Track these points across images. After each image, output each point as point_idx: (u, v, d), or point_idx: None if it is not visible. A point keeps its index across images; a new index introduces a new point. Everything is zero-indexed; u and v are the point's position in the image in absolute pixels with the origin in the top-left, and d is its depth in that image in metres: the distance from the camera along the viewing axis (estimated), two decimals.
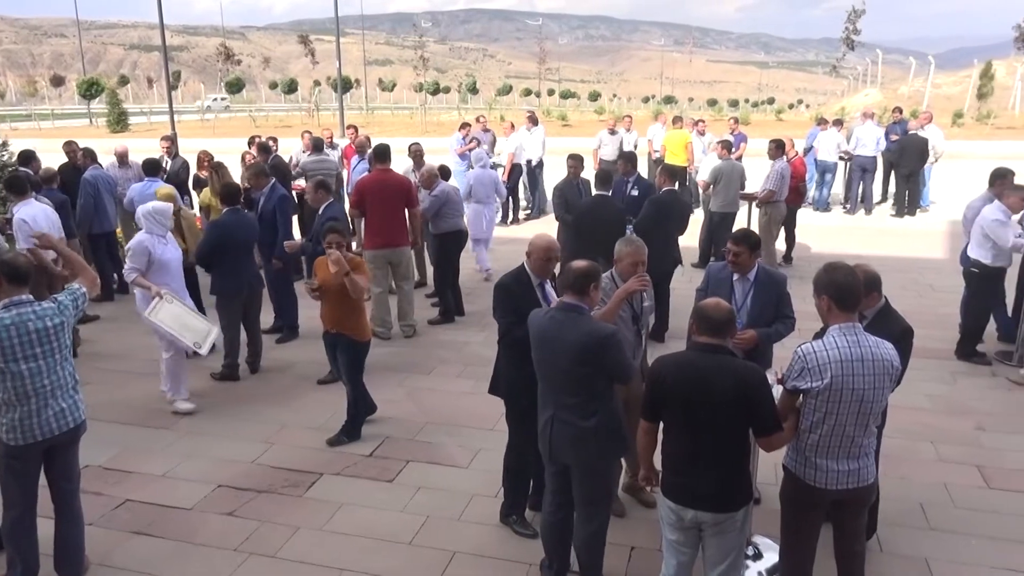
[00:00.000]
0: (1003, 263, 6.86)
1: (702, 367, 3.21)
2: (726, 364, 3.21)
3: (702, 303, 3.35)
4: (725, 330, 3.27)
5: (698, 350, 3.28)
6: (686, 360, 3.30)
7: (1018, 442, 5.61)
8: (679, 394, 3.22)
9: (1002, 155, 18.59)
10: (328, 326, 5.64)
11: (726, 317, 3.27)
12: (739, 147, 13.45)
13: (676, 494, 3.33)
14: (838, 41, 48.51)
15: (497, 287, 4.33)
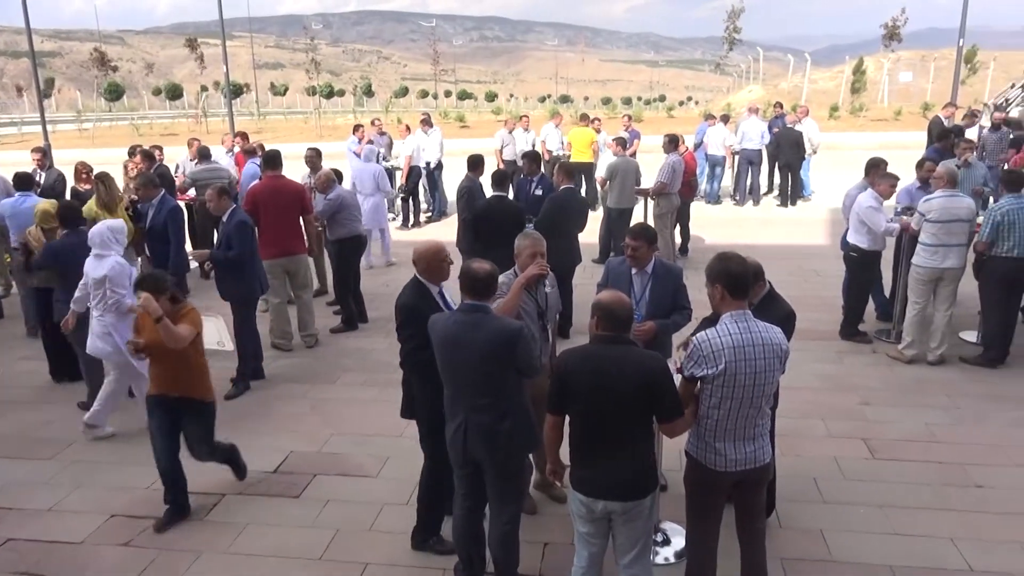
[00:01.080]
0: (879, 247, 7.30)
1: (605, 359, 3.26)
2: (629, 355, 3.28)
3: (602, 298, 3.41)
4: (627, 323, 3.35)
5: (601, 342, 3.33)
6: (590, 353, 3.35)
7: (898, 414, 5.98)
8: (584, 386, 3.27)
9: (875, 145, 19.82)
10: (162, 389, 4.67)
11: (627, 311, 3.35)
12: (633, 144, 13.79)
13: (585, 486, 3.38)
14: (722, 40, 50.64)
15: (401, 307, 4.14)
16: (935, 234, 6.65)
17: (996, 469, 5.15)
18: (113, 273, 5.67)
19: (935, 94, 29.31)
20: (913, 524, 4.56)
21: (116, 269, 5.69)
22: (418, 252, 4.25)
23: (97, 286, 5.69)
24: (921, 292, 6.85)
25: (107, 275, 5.65)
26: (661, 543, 4.46)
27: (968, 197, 6.87)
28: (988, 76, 37.37)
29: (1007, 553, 4.28)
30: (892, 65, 41.86)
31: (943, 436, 5.62)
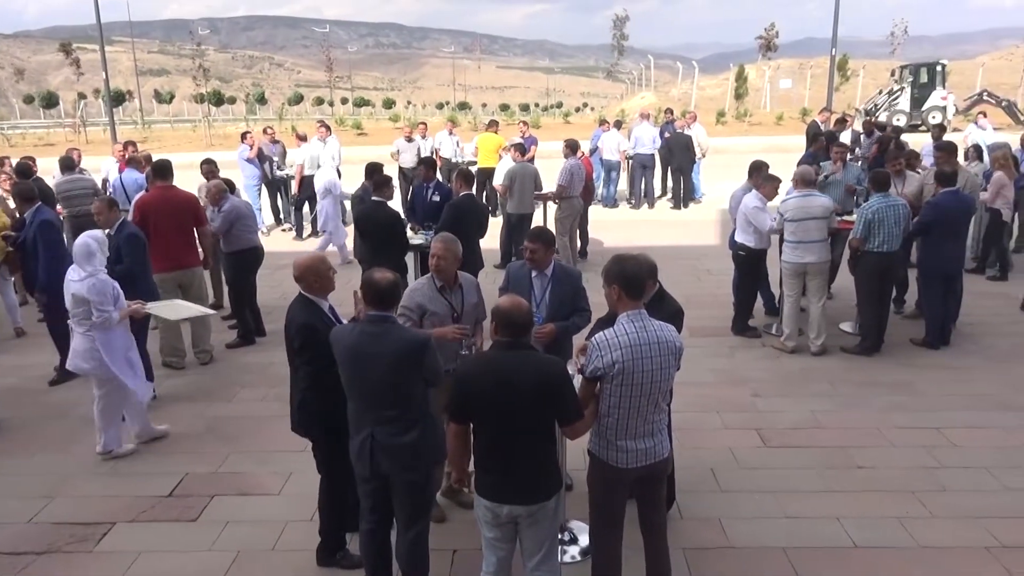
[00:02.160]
0: (764, 245, 7.66)
1: (506, 365, 3.29)
2: (528, 360, 3.32)
3: (501, 303, 3.43)
4: (526, 329, 3.38)
5: (501, 348, 3.36)
6: (490, 360, 3.37)
7: (787, 404, 6.30)
8: (486, 393, 3.28)
9: (760, 148, 20.83)
10: None
11: (526, 316, 3.38)
12: (530, 149, 13.98)
13: (490, 491, 3.40)
14: (611, 48, 52.11)
15: (299, 329, 4.01)
16: (794, 232, 7.06)
17: (875, 450, 5.50)
18: (92, 294, 5.32)
19: (812, 100, 31.06)
20: (803, 507, 4.81)
21: (96, 288, 5.33)
22: (301, 266, 4.14)
23: (77, 304, 5.37)
24: (792, 285, 7.26)
25: (86, 296, 5.32)
26: (568, 542, 4.53)
27: (823, 196, 7.29)
28: (859, 83, 39.88)
29: (887, 528, 4.58)
30: (773, 73, 44.10)
31: (827, 422, 5.95)
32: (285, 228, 13.51)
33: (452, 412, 3.43)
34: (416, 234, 8.15)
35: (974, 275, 9.50)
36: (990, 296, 8.95)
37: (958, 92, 31.80)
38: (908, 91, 31.12)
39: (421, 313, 4.56)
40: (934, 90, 30.76)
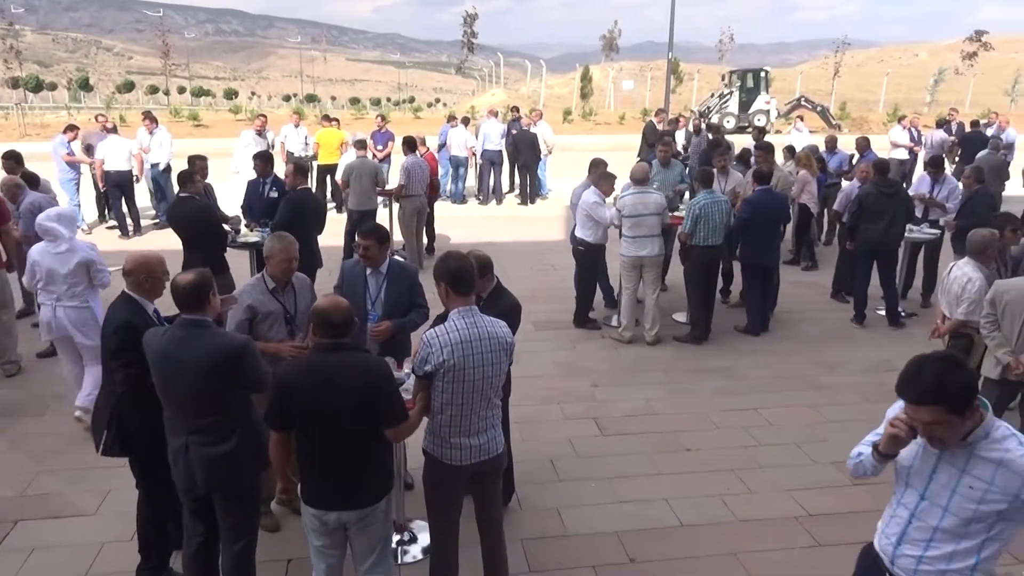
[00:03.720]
0: (603, 240, 7.93)
1: (327, 368, 3.17)
2: (350, 361, 3.21)
3: (319, 304, 3.32)
4: (345, 329, 3.26)
5: (321, 351, 3.25)
6: (310, 364, 3.25)
7: (623, 392, 6.56)
8: (307, 399, 3.16)
9: (604, 147, 21.50)
10: None
11: (345, 317, 3.25)
12: (387, 145, 13.76)
13: (316, 499, 3.29)
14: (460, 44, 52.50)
15: (118, 328, 3.74)
16: (631, 227, 7.38)
17: (701, 434, 5.84)
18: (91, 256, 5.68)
19: (653, 101, 32.61)
20: (635, 491, 5.02)
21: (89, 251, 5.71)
22: (134, 260, 3.88)
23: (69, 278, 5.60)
24: (629, 278, 7.58)
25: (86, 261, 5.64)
26: (408, 542, 4.49)
27: (656, 193, 7.66)
28: (694, 86, 42.29)
29: (710, 506, 4.87)
30: (616, 74, 45.91)
31: (660, 409, 6.25)
32: (110, 225, 12.53)
33: (271, 419, 3.27)
34: (252, 231, 7.79)
35: (791, 266, 10.31)
36: (804, 285, 9.74)
37: (780, 97, 34.41)
38: (736, 95, 33.35)
39: (252, 315, 4.36)
40: (759, 95, 33.14)
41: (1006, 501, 2.35)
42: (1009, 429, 2.43)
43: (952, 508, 2.44)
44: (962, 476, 2.42)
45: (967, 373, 2.38)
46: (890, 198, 8.01)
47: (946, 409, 2.32)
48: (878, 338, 7.99)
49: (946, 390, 2.31)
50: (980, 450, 2.39)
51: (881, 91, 40.36)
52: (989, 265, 5.77)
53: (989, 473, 2.38)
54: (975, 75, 45.16)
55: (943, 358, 2.41)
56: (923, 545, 2.54)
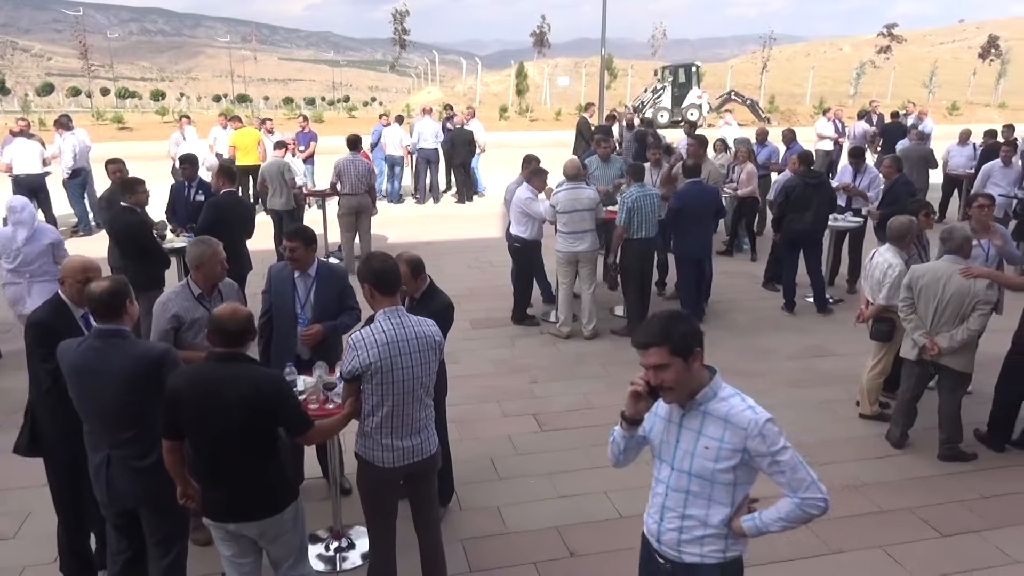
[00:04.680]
0: (538, 237, 7.94)
1: (217, 379, 3.07)
2: (242, 373, 3.10)
3: (216, 311, 3.20)
4: (242, 338, 3.15)
5: (214, 360, 3.13)
6: (200, 373, 3.13)
7: (562, 388, 6.58)
8: (197, 408, 3.05)
9: (541, 143, 21.60)
10: None
11: (241, 325, 3.14)
12: (309, 145, 13.52)
13: (214, 510, 3.21)
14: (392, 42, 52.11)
15: (33, 325, 3.67)
16: (566, 223, 7.41)
17: None
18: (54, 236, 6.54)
19: (588, 97, 32.83)
20: (575, 485, 5.04)
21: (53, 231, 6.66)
22: (68, 267, 3.79)
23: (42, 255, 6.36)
24: (565, 273, 7.61)
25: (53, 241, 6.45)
26: (347, 548, 4.42)
27: (590, 188, 7.71)
28: (628, 82, 42.80)
29: (642, 497, 4.89)
30: (551, 70, 46.18)
31: (598, 402, 6.29)
32: None
33: (163, 427, 3.15)
34: (178, 237, 7.55)
35: (724, 256, 10.51)
36: (737, 275, 9.94)
37: (712, 91, 35.14)
38: (669, 90, 33.90)
39: (178, 324, 4.22)
40: (691, 89, 33.76)
41: (737, 455, 2.48)
42: (735, 391, 2.59)
43: (695, 470, 2.55)
44: (699, 438, 2.54)
45: (691, 323, 2.55)
46: (815, 189, 8.22)
47: (670, 350, 2.45)
48: (806, 324, 8.21)
49: (669, 332, 2.46)
50: (710, 410, 2.53)
51: (807, 84, 41.55)
52: (908, 251, 5.98)
53: (719, 431, 2.51)
54: (894, 68, 46.88)
55: (671, 312, 2.61)
56: (679, 515, 2.62)
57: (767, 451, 2.46)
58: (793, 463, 2.46)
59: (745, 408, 2.50)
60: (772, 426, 2.47)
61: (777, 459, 2.46)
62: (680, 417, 2.61)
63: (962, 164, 13.01)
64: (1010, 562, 4.34)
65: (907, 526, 4.67)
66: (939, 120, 24.47)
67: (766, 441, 2.45)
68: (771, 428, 2.46)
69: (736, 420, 2.49)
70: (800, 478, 2.47)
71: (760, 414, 2.49)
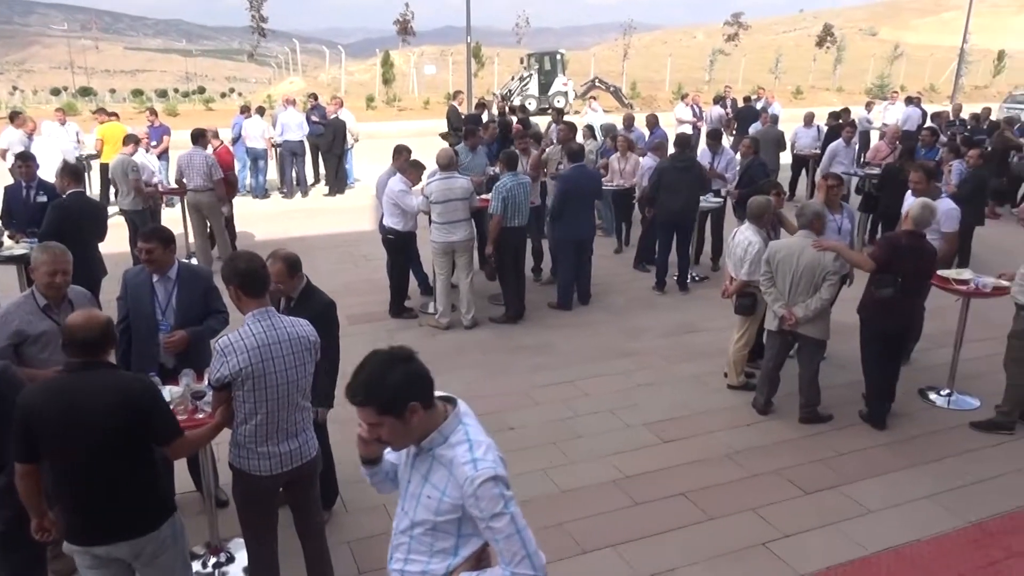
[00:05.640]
0: (412, 228, 7.83)
1: (79, 390, 2.84)
2: (106, 381, 2.90)
3: (69, 320, 2.96)
4: (101, 347, 2.93)
5: (72, 371, 2.90)
6: (58, 386, 2.89)
7: (444, 379, 6.31)
8: (57, 425, 2.81)
9: (411, 132, 21.40)
10: None
11: (98, 335, 2.91)
12: (161, 140, 12.74)
13: (79, 534, 2.96)
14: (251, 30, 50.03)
15: None
16: (441, 213, 7.36)
17: (522, 411, 5.95)
18: None
19: (456, 85, 32.67)
20: None
21: None
22: None
23: None
24: (442, 264, 7.56)
25: None
26: (226, 563, 4.22)
27: (463, 177, 7.66)
28: (495, 70, 42.97)
29: (536, 481, 4.98)
30: (418, 59, 45.65)
31: (481, 390, 6.29)
32: None
33: (15, 450, 2.88)
34: (17, 243, 6.92)
35: (602, 239, 10.75)
36: (612, 258, 10.20)
37: (576, 79, 35.75)
38: (535, 77, 34.31)
39: (20, 339, 3.86)
40: (557, 77, 34.31)
41: (458, 510, 2.20)
42: (468, 434, 2.26)
43: (417, 518, 2.28)
44: (424, 484, 2.27)
45: (408, 371, 2.21)
46: (686, 172, 8.54)
47: (377, 410, 2.18)
48: (677, 303, 8.55)
49: (374, 390, 2.17)
50: (438, 455, 2.24)
51: (666, 71, 43.16)
52: (766, 228, 6.33)
53: (443, 481, 2.22)
54: (744, 55, 49.52)
55: (387, 355, 2.26)
56: (404, 558, 2.34)
57: (480, 515, 2.15)
58: (509, 531, 2.14)
59: (467, 461, 2.17)
60: (491, 487, 2.14)
61: (492, 525, 2.15)
62: (414, 457, 2.32)
63: (808, 145, 13.93)
64: (864, 512, 4.70)
65: (775, 487, 4.96)
66: (785, 104, 26.05)
67: (479, 504, 2.14)
68: (489, 490, 2.14)
69: (456, 474, 2.18)
70: (514, 550, 2.14)
71: (480, 471, 2.15)
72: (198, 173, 9.15)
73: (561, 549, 4.30)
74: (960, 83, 37.68)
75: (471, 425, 2.29)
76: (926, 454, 5.40)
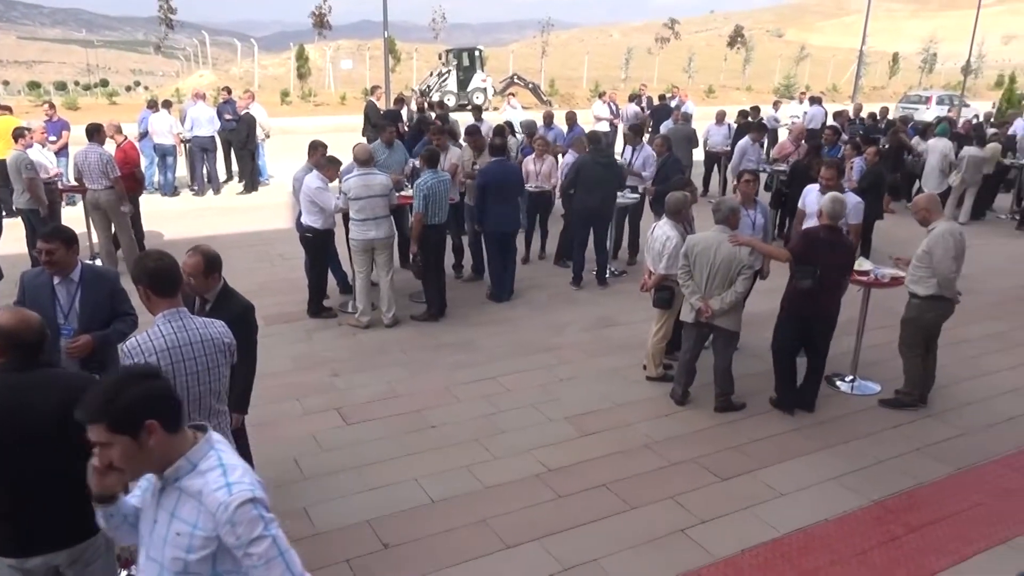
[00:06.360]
0: (331, 225, 7.68)
1: (20, 388, 2.71)
2: (49, 378, 2.78)
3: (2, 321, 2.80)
4: (39, 348, 2.80)
5: (9, 371, 2.76)
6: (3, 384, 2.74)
7: (365, 379, 6.45)
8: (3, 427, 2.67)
9: (327, 128, 20.98)
10: None
11: (38, 335, 2.80)
12: (61, 135, 12.11)
13: (11, 545, 2.81)
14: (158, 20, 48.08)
15: None
16: (360, 209, 7.25)
17: (445, 408, 5.93)
18: None
19: (373, 80, 32.17)
20: (384, 476, 4.97)
21: None
22: None
23: None
24: (361, 262, 7.45)
25: None
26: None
27: (382, 174, 7.57)
28: (413, 65, 42.59)
29: (460, 479, 4.97)
30: (334, 53, 44.78)
31: (402, 390, 6.24)
32: None
33: None
34: None
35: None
36: (532, 253, 10.26)
37: (495, 75, 35.81)
38: (454, 74, 34.19)
39: None
40: (475, 73, 34.27)
41: (212, 544, 2.02)
42: (220, 458, 2.10)
43: (168, 560, 2.06)
44: (172, 521, 2.06)
45: (143, 387, 2.03)
46: (604, 168, 8.67)
47: (108, 426, 1.98)
48: (597, 298, 8.68)
49: (106, 404, 1.98)
50: (186, 487, 2.06)
51: (583, 69, 43.72)
52: (683, 223, 6.50)
53: (194, 514, 2.03)
54: (658, 54, 50.66)
55: (128, 371, 2.18)
56: None
57: (238, 542, 1.98)
58: (270, 555, 2.00)
59: (220, 487, 2.01)
60: (249, 510, 2.00)
61: (250, 551, 1.99)
62: (159, 493, 2.11)
63: (720, 142, 14.38)
64: (777, 495, 4.89)
65: (692, 475, 5.10)
66: (698, 102, 26.82)
67: (236, 530, 1.97)
68: (246, 513, 1.99)
69: (208, 501, 2.00)
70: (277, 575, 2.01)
71: (235, 495, 1.99)
72: (96, 171, 8.71)
73: (485, 546, 4.31)
74: (860, 84, 39.55)
75: (224, 451, 2.12)
76: (832, 438, 5.66)
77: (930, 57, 57.72)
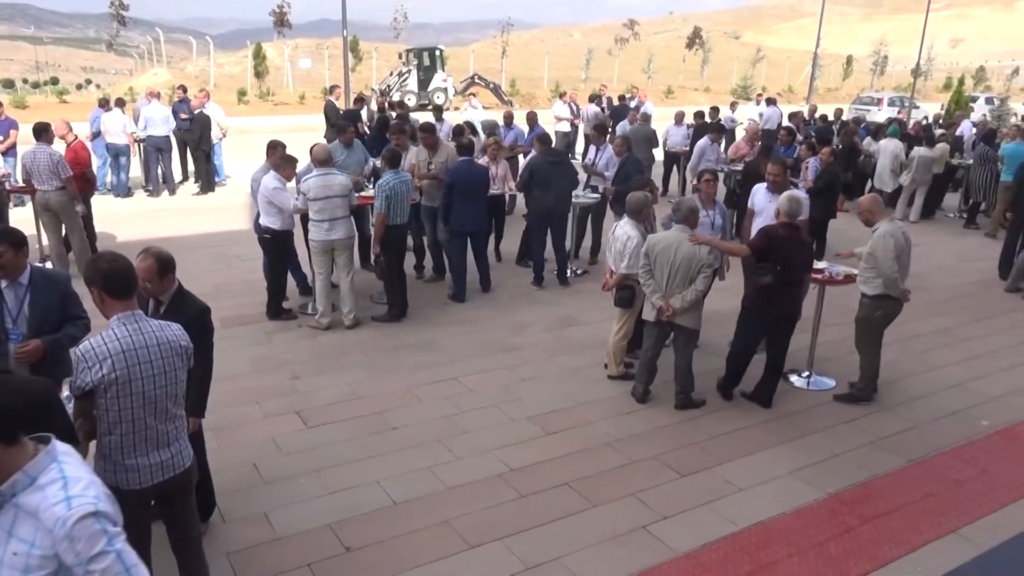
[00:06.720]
0: (289, 226, 7.59)
1: None
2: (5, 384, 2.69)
3: None
4: None
5: None
6: None
7: (325, 380, 6.39)
8: None
9: (285, 128, 20.77)
10: None
11: None
12: (9, 135, 11.78)
13: None
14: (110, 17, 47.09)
15: None
16: (319, 210, 7.18)
17: (406, 410, 5.91)
18: None
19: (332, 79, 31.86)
20: (346, 479, 4.93)
21: None
22: None
23: None
24: (321, 263, 7.37)
25: None
26: None
27: (342, 174, 7.50)
28: (373, 64, 42.29)
29: (422, 480, 4.96)
30: (292, 52, 44.25)
31: (364, 391, 6.20)
32: None
33: None
34: None
35: None
36: (494, 253, 10.24)
37: (456, 75, 35.74)
38: (415, 73, 34.04)
39: None
40: (436, 72, 34.17)
41: (51, 564, 1.89)
42: (63, 471, 1.98)
43: None
44: (9, 540, 1.93)
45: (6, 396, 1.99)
46: (557, 167, 8.71)
47: None
48: (557, 297, 8.72)
49: None
50: (23, 503, 1.93)
51: (544, 69, 43.87)
52: (644, 223, 6.57)
53: (31, 532, 1.91)
54: (618, 55, 51.09)
55: None
56: None
57: (78, 560, 1.87)
58: (115, 572, 1.90)
59: (59, 501, 1.89)
60: (90, 524, 1.89)
61: (91, 568, 1.87)
62: None
63: (679, 142, 14.55)
64: (736, 490, 4.97)
65: (653, 472, 5.16)
66: (657, 103, 27.08)
67: (75, 546, 1.86)
68: (87, 528, 1.88)
69: (45, 517, 1.88)
70: None
71: (75, 509, 1.88)
72: (45, 171, 8.46)
73: (448, 546, 4.30)
74: (815, 85, 40.35)
75: (68, 463, 1.99)
76: (789, 433, 5.77)
77: (881, 60, 59.10)
